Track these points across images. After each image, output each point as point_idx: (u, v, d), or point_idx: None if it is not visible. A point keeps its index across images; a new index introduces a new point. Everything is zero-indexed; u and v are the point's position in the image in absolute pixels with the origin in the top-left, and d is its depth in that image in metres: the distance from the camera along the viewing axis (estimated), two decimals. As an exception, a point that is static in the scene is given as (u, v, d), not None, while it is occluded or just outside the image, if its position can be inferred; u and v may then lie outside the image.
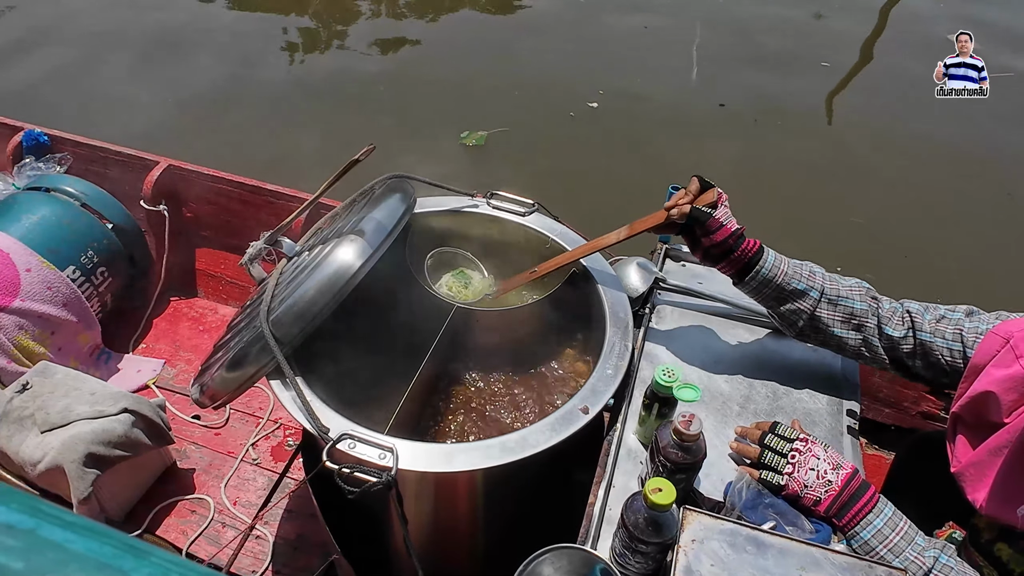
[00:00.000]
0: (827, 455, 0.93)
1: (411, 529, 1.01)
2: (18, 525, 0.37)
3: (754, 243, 1.07)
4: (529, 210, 1.43)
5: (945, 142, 3.31)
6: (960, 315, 1.00)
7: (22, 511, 0.38)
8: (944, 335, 0.99)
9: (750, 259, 1.06)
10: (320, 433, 0.98)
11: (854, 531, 0.90)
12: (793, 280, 1.06)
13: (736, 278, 1.10)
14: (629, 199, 2.82)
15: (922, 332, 1.01)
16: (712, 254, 1.08)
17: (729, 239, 1.05)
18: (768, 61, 3.91)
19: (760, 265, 1.05)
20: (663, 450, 0.91)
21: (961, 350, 0.97)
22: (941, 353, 0.99)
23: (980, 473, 0.85)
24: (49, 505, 0.39)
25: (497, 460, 0.96)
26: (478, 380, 1.34)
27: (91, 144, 2.14)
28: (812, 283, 1.06)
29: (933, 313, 1.02)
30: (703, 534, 0.84)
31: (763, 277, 1.06)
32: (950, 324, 1.00)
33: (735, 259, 1.06)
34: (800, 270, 1.07)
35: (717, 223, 1.05)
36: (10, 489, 0.40)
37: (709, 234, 1.05)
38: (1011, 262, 2.73)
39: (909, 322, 1.03)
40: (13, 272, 1.70)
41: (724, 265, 1.09)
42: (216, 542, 1.56)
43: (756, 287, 1.07)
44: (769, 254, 1.07)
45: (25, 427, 1.44)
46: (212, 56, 3.98)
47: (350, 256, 1.10)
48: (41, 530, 0.37)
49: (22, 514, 0.38)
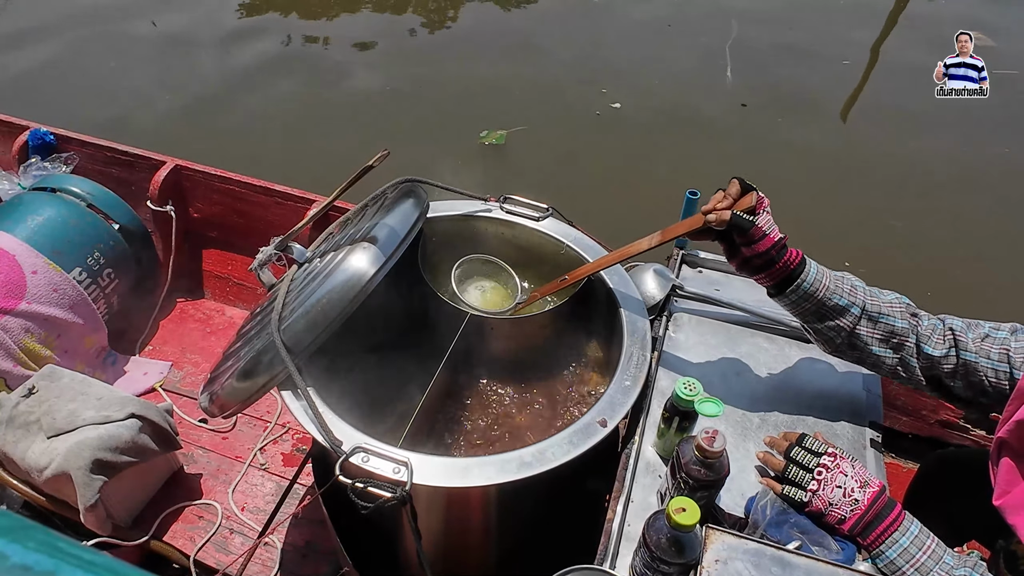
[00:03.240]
0: (855, 471, 0.90)
1: (424, 543, 0.99)
2: (36, 567, 0.35)
3: (797, 254, 1.00)
4: (543, 215, 1.41)
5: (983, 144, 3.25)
6: (1005, 333, 0.95)
7: (40, 550, 0.36)
8: (989, 355, 0.95)
9: (791, 271, 1.00)
10: (333, 446, 0.96)
11: (879, 550, 0.87)
12: (835, 295, 1.00)
13: (774, 290, 1.03)
14: (650, 200, 2.78)
15: (966, 352, 0.96)
16: (753, 264, 1.01)
17: (772, 250, 0.98)
18: (789, 60, 3.87)
19: (802, 278, 0.99)
20: (685, 467, 0.89)
21: (1008, 371, 0.93)
22: (985, 374, 0.95)
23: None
24: (68, 542, 0.37)
25: (514, 475, 0.94)
26: (493, 390, 1.32)
27: (97, 144, 2.12)
28: (854, 299, 1.00)
29: (976, 331, 0.98)
30: (727, 554, 0.82)
31: (804, 291, 1.00)
32: (995, 343, 0.95)
33: (776, 271, 1.00)
34: (841, 284, 1.01)
35: (760, 232, 0.97)
36: (28, 524, 0.38)
37: (751, 243, 0.98)
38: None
39: (951, 341, 0.98)
40: (19, 274, 1.68)
41: (763, 277, 1.02)
42: (224, 548, 1.54)
43: (795, 301, 1.01)
44: (811, 266, 1.00)
45: (31, 432, 1.43)
46: (219, 54, 3.96)
47: (363, 263, 1.08)
48: (61, 572, 0.35)
49: (40, 554, 0.36)
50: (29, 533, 0.37)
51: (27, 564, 0.35)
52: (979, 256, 2.72)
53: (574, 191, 2.96)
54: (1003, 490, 0.85)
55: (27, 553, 0.35)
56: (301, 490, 1.64)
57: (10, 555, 0.34)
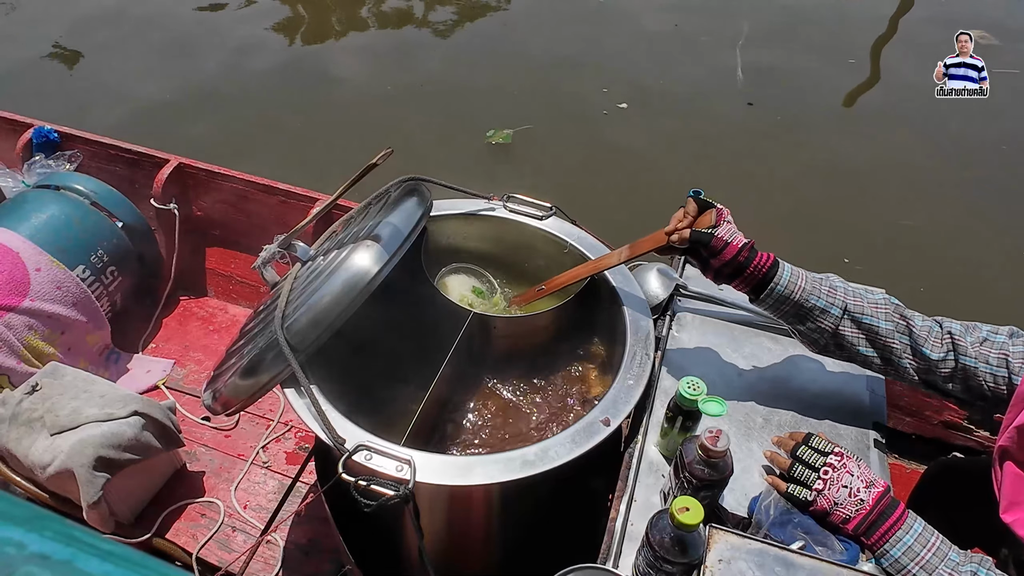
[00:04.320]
0: (860, 471, 0.91)
1: (426, 541, 1.00)
2: (54, 555, 0.35)
3: (767, 257, 1.02)
4: (546, 214, 1.41)
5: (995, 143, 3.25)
6: (1004, 338, 0.96)
7: (57, 540, 0.36)
8: (988, 360, 0.95)
9: (764, 274, 1.02)
10: (336, 444, 0.97)
11: (883, 549, 0.87)
12: (812, 296, 1.01)
13: (752, 295, 1.06)
14: (657, 199, 2.78)
15: (965, 356, 0.97)
16: (724, 273, 1.04)
17: (738, 256, 1.01)
18: (796, 57, 3.87)
19: (776, 281, 1.01)
20: (688, 466, 0.89)
21: (1006, 376, 0.93)
22: (984, 378, 0.95)
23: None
24: (84, 532, 0.38)
25: (517, 474, 0.94)
26: (495, 388, 1.32)
27: (101, 141, 2.13)
28: (833, 299, 1.02)
29: (975, 335, 0.98)
30: (730, 554, 0.82)
31: (779, 294, 1.02)
32: (994, 348, 0.96)
33: (749, 276, 1.02)
34: (819, 286, 1.02)
35: (721, 241, 1.01)
36: (46, 514, 0.39)
37: (715, 254, 1.02)
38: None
39: (950, 344, 0.98)
40: (23, 272, 1.68)
41: (738, 283, 1.05)
42: (226, 546, 1.55)
43: (773, 304, 1.04)
44: (785, 268, 1.02)
45: (34, 429, 1.43)
46: (227, 52, 3.96)
47: (366, 262, 1.09)
48: (78, 561, 0.35)
49: (57, 543, 0.36)
50: (46, 523, 0.37)
51: (45, 553, 0.35)
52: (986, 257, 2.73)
53: (580, 190, 2.96)
54: (1010, 501, 0.84)
55: (44, 542, 0.36)
56: (304, 488, 1.64)
57: (28, 544, 0.35)
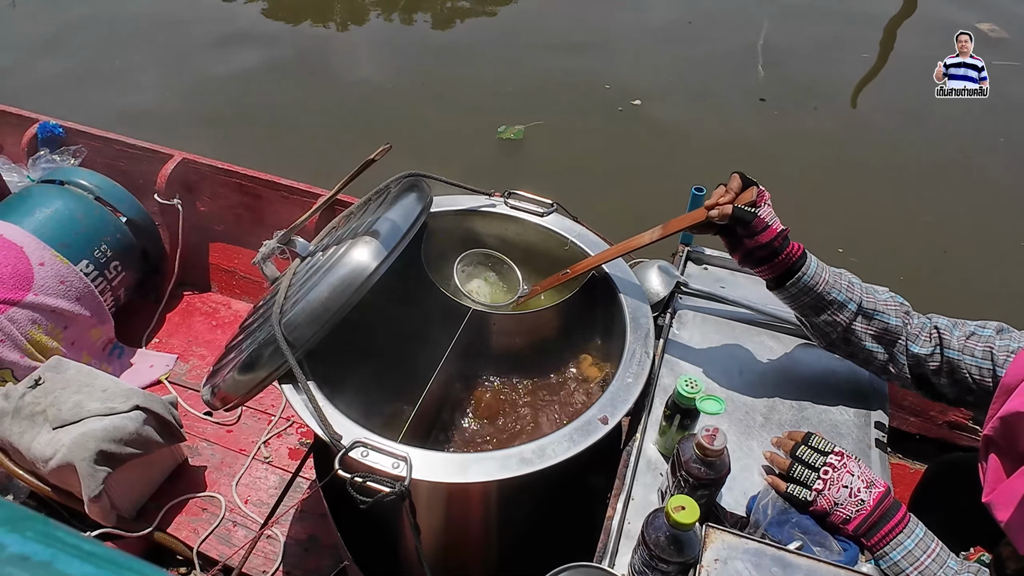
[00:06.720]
0: (861, 472, 0.90)
1: (423, 538, 1.00)
2: (33, 556, 0.35)
3: (798, 247, 1.02)
4: (547, 210, 1.40)
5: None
6: (991, 332, 0.96)
7: (38, 540, 0.36)
8: (973, 352, 0.96)
9: (792, 264, 1.01)
10: (332, 440, 0.97)
11: (883, 551, 0.87)
12: (833, 290, 1.01)
13: (774, 283, 1.05)
14: (669, 196, 2.76)
15: (950, 350, 0.98)
16: (756, 256, 1.03)
17: (775, 240, 0.99)
18: (806, 54, 3.84)
19: (803, 271, 1.01)
20: (685, 465, 0.89)
21: (991, 368, 0.94)
22: (969, 371, 0.96)
23: (1012, 496, 0.82)
24: (67, 532, 0.37)
25: (514, 471, 0.94)
26: (494, 385, 1.32)
27: (105, 137, 2.13)
28: (851, 295, 1.02)
29: (962, 329, 0.99)
30: (727, 553, 0.82)
31: (804, 284, 1.01)
32: (980, 341, 0.96)
33: (778, 263, 1.01)
34: (839, 280, 1.02)
35: (762, 223, 0.99)
36: (26, 513, 0.38)
37: (753, 235, 1.00)
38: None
39: (937, 339, 1.00)
40: (27, 266, 1.69)
41: (765, 269, 1.03)
42: (227, 541, 1.55)
43: (795, 294, 1.03)
44: (812, 260, 1.02)
45: (37, 423, 1.44)
46: (230, 50, 3.96)
47: (365, 257, 1.08)
48: (58, 562, 0.35)
49: (38, 543, 0.36)
50: (28, 523, 0.37)
51: (24, 554, 0.35)
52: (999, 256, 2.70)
53: (591, 186, 2.94)
54: (990, 487, 0.85)
55: (25, 543, 0.35)
56: (304, 484, 1.65)
57: (8, 545, 0.35)
